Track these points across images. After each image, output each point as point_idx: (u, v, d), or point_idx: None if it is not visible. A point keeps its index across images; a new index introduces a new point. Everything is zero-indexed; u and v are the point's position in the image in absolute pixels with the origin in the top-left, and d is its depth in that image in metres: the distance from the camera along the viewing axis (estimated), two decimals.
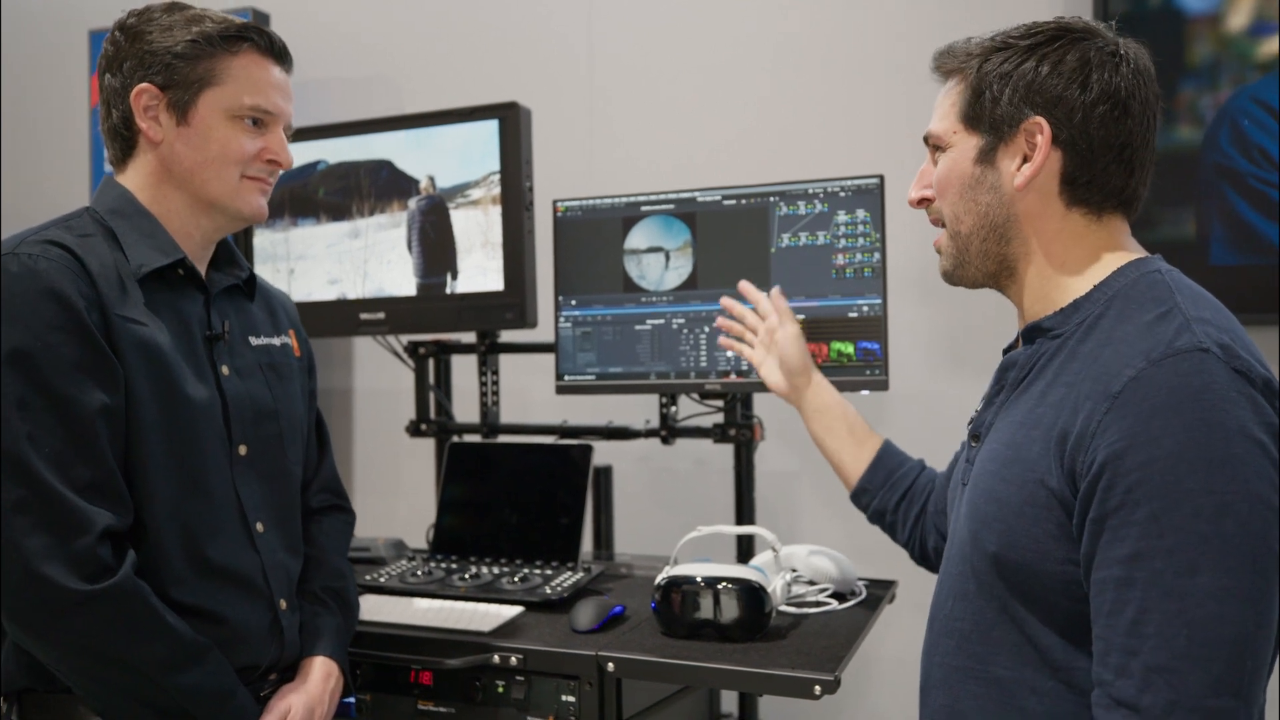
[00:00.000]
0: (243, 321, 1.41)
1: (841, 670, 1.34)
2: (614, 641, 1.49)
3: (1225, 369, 0.90)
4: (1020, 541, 1.00)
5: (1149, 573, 0.88)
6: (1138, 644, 0.88)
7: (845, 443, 1.55)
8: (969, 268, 1.13)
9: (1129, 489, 0.89)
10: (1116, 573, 0.90)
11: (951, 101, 1.11)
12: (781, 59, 2.38)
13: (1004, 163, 1.07)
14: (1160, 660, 0.87)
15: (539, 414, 2.41)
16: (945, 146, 1.12)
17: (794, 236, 1.83)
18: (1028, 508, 0.99)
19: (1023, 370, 1.08)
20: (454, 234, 2.10)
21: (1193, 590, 0.86)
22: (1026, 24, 1.08)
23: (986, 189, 1.08)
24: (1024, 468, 1.00)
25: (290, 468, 1.43)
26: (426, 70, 2.71)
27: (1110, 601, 0.91)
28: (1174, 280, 1.01)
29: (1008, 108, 1.05)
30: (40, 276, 1.17)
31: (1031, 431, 1.01)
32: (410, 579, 1.78)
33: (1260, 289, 1.93)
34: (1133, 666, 0.88)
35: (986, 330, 2.17)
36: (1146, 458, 0.88)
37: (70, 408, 1.15)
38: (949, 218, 1.13)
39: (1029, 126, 1.04)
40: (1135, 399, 0.90)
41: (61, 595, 1.12)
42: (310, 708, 1.33)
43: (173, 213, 1.31)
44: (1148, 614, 0.88)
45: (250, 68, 1.31)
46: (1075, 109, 1.03)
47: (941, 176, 1.12)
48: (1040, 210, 1.07)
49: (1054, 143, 1.04)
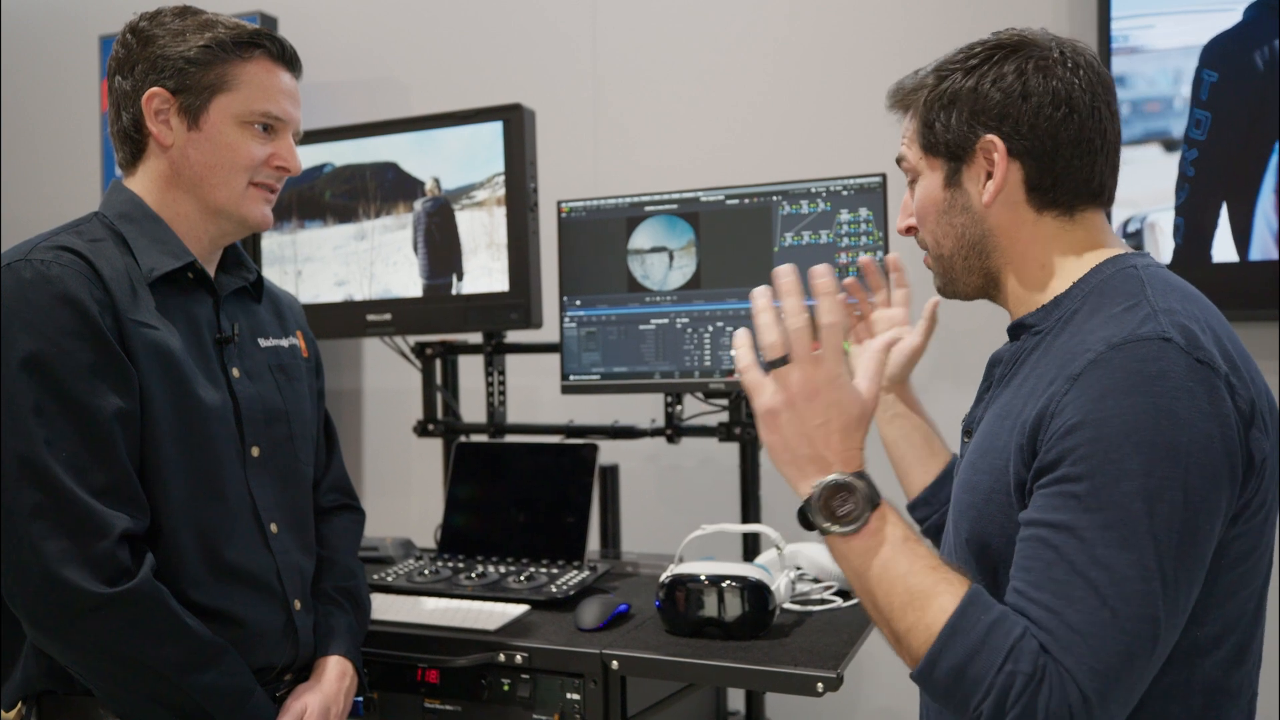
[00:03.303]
0: (251, 323, 1.42)
1: (844, 667, 1.35)
2: (618, 640, 1.50)
3: (1185, 358, 0.91)
4: (989, 528, 1.02)
5: (1079, 541, 0.89)
6: (1062, 605, 0.89)
7: (921, 453, 1.48)
8: (958, 284, 1.16)
9: (1074, 462, 0.91)
10: (1048, 535, 0.92)
11: (912, 133, 1.14)
12: (784, 58, 2.38)
13: (969, 184, 1.09)
14: (1084, 625, 0.88)
15: (545, 414, 2.42)
16: (916, 176, 1.15)
17: (797, 235, 1.84)
18: (995, 494, 1.01)
19: (1007, 366, 1.11)
20: (459, 235, 2.11)
21: (1121, 564, 0.88)
22: (965, 46, 1.10)
23: (959, 210, 1.11)
24: (995, 456, 1.03)
25: (302, 468, 1.44)
26: (433, 73, 2.72)
27: (1039, 560, 0.92)
28: (1148, 274, 1.02)
29: (960, 131, 1.08)
30: (53, 282, 1.18)
31: (1004, 422, 1.03)
32: (417, 578, 1.79)
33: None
34: (1053, 624, 0.89)
35: (986, 330, 2.17)
36: (1095, 434, 0.90)
37: (86, 412, 1.16)
38: (930, 242, 1.16)
39: (983, 145, 1.07)
40: (1092, 380, 0.92)
41: (81, 598, 1.13)
42: (326, 706, 1.35)
43: (181, 217, 1.32)
44: (1075, 578, 0.89)
45: (262, 74, 1.32)
46: (1022, 120, 1.05)
47: (919, 205, 1.15)
48: (1012, 221, 1.09)
49: (1010, 155, 1.06)
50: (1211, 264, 1.99)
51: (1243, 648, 0.98)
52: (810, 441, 0.97)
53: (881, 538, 0.97)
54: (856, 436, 0.98)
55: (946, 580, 0.95)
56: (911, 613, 0.95)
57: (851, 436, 0.98)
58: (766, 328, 0.97)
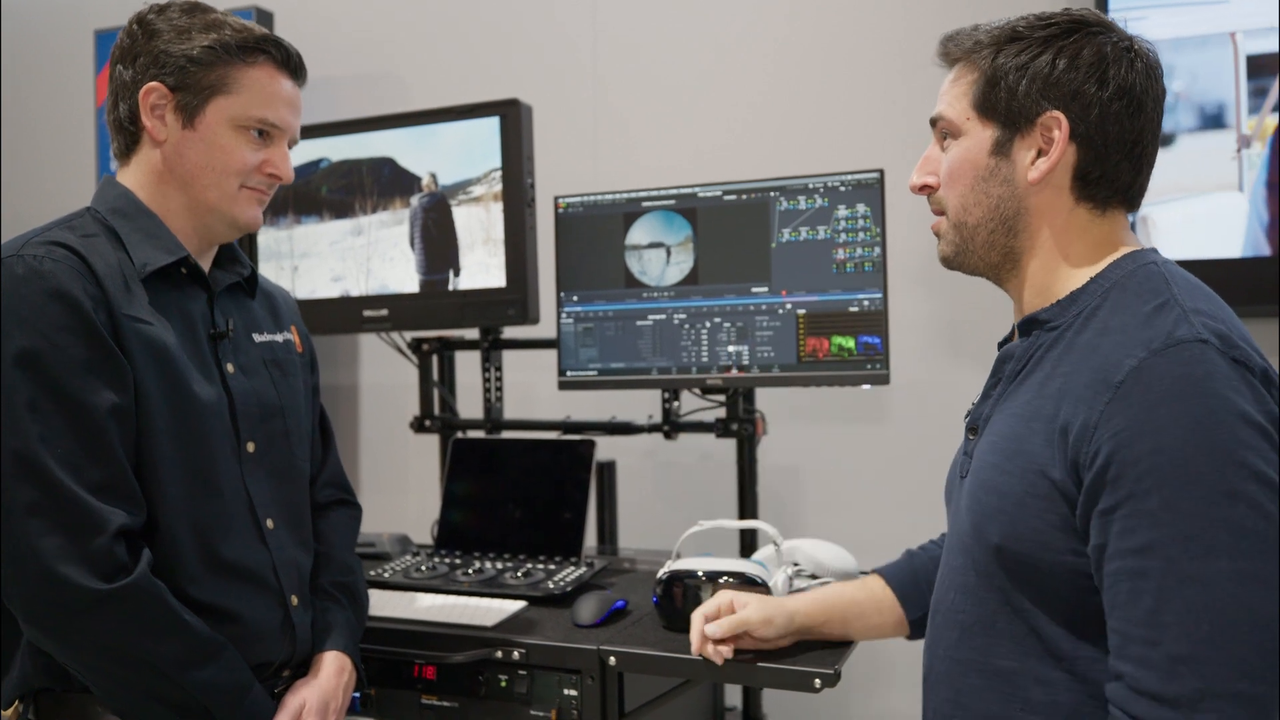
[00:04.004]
0: (245, 319, 1.41)
1: (842, 664, 1.35)
2: (615, 636, 1.50)
3: (1225, 359, 0.90)
4: (1023, 533, 1.00)
5: (1164, 560, 0.87)
6: (1158, 634, 0.87)
7: (868, 614, 1.38)
8: (971, 256, 1.12)
9: (1138, 478, 0.89)
10: (1131, 564, 0.89)
11: (962, 90, 1.09)
12: (783, 54, 2.38)
13: (1019, 155, 1.06)
14: (1184, 649, 0.86)
15: (542, 410, 2.42)
16: (957, 134, 1.10)
17: (794, 231, 1.84)
18: (1030, 499, 0.99)
19: (1020, 362, 1.08)
20: (456, 231, 2.11)
21: (1211, 575, 0.86)
22: (1036, 14, 1.06)
23: (1000, 181, 1.07)
24: (1025, 460, 1.00)
25: (298, 464, 1.43)
26: (432, 68, 2.71)
27: (1126, 593, 0.90)
28: (1169, 271, 1.01)
29: (1025, 100, 1.04)
30: (46, 278, 1.17)
31: (1031, 423, 1.01)
32: (414, 574, 1.79)
33: None
34: (1154, 657, 0.87)
35: (986, 323, 2.17)
36: (1154, 446, 0.88)
37: (81, 408, 1.16)
38: (955, 207, 1.11)
39: (1046, 120, 1.04)
40: (1138, 388, 0.90)
41: (79, 595, 1.12)
42: (324, 702, 1.34)
43: (173, 212, 1.32)
44: (1167, 603, 0.87)
45: (263, 80, 1.31)
46: (1092, 104, 1.02)
47: (953, 166, 1.10)
48: (1051, 204, 1.07)
49: (1070, 137, 1.04)
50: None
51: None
52: None
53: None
54: None
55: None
56: None
57: None
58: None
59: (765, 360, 1.85)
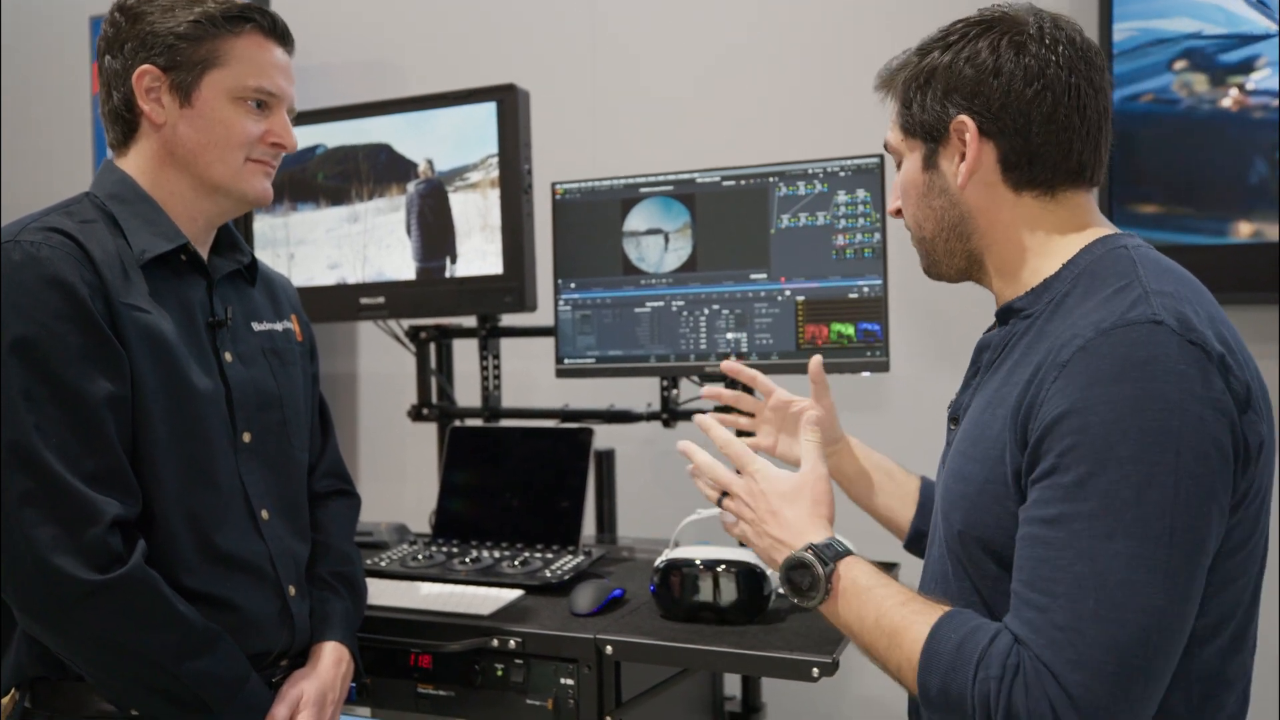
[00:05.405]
0: (245, 307, 1.40)
1: (840, 653, 1.35)
2: (613, 624, 1.50)
3: (1178, 341, 0.89)
4: (983, 518, 1.01)
5: (1068, 534, 0.89)
6: (1049, 602, 0.89)
7: (892, 496, 1.44)
8: (940, 265, 1.15)
9: (1061, 453, 0.90)
10: (1039, 531, 0.91)
11: (893, 117, 1.14)
12: (783, 39, 2.36)
13: (945, 164, 1.09)
14: (1068, 619, 0.87)
15: (540, 398, 2.41)
16: (899, 158, 1.15)
17: (794, 217, 1.83)
18: (990, 485, 1.00)
19: (995, 351, 1.09)
20: (453, 217, 2.10)
21: (1107, 555, 0.87)
22: (946, 25, 1.09)
23: (937, 193, 1.10)
24: (986, 446, 1.01)
25: (295, 454, 1.43)
26: (429, 54, 2.69)
27: (1028, 558, 0.92)
28: (1139, 255, 1.00)
29: (933, 112, 1.07)
30: (43, 264, 1.16)
31: (997, 410, 1.02)
32: (411, 563, 1.79)
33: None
34: (1040, 623, 0.89)
35: (986, 312, 2.17)
36: (1082, 423, 0.89)
37: (76, 397, 1.15)
38: (913, 225, 1.15)
39: (955, 125, 1.05)
40: (1080, 367, 0.91)
41: (73, 585, 1.12)
42: (322, 692, 1.34)
43: (175, 196, 1.31)
44: (1061, 573, 0.89)
45: (253, 49, 1.30)
46: (993, 98, 1.03)
47: (902, 188, 1.15)
48: (989, 202, 1.07)
49: (982, 135, 1.05)
50: None
51: (1239, 636, 0.98)
52: (768, 534, 1.14)
53: (847, 594, 1.04)
54: (801, 508, 1.13)
55: (916, 611, 0.99)
56: (895, 651, 1.00)
57: (798, 509, 1.13)
58: (702, 482, 1.27)
59: (764, 347, 1.84)
